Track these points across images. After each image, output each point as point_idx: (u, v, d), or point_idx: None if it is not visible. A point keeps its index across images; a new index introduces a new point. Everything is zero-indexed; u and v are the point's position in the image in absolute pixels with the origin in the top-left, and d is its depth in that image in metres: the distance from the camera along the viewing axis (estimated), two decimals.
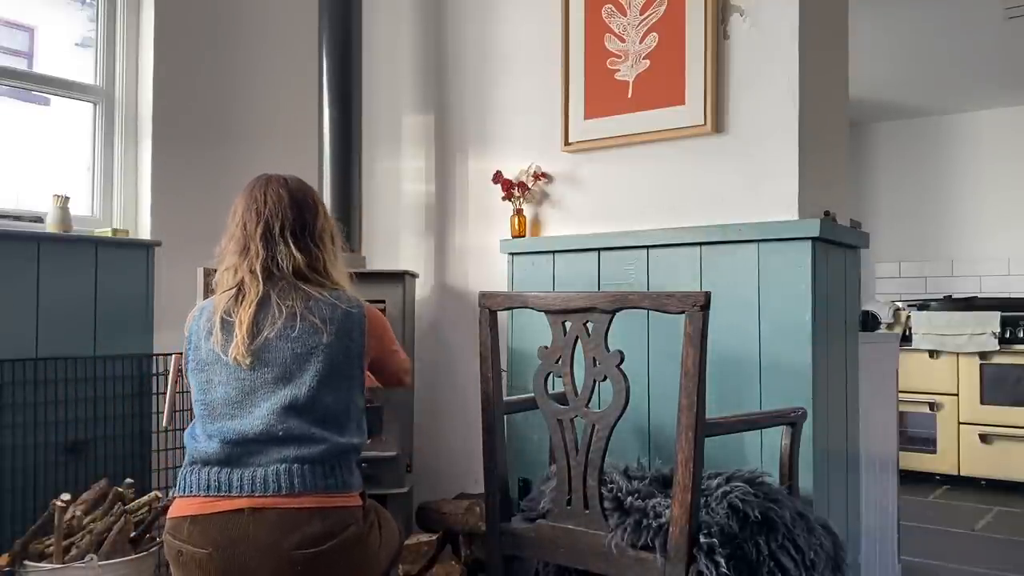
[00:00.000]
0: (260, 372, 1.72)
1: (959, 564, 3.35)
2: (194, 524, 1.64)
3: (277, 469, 1.65)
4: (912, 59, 4.73)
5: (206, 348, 1.76)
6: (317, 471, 1.68)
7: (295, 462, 1.67)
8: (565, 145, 2.83)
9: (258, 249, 1.80)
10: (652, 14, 2.65)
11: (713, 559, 1.76)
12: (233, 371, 1.73)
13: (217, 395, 1.73)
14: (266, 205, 1.83)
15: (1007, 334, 4.66)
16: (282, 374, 1.72)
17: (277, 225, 1.82)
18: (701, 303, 1.78)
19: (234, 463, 1.67)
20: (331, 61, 3.02)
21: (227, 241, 1.87)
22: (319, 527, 1.65)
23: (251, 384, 1.72)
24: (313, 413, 1.72)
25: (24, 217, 2.63)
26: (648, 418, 2.49)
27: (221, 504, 1.64)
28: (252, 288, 1.77)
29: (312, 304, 1.77)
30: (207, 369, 1.75)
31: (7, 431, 2.39)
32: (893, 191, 5.94)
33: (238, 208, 1.87)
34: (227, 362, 1.73)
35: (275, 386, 1.72)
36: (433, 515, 2.75)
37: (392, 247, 3.39)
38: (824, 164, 2.57)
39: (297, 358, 1.73)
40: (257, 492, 1.64)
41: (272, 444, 1.68)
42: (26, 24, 2.94)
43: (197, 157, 3.04)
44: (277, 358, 1.73)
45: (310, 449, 1.68)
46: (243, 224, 1.84)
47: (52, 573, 2.10)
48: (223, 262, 1.85)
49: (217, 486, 1.65)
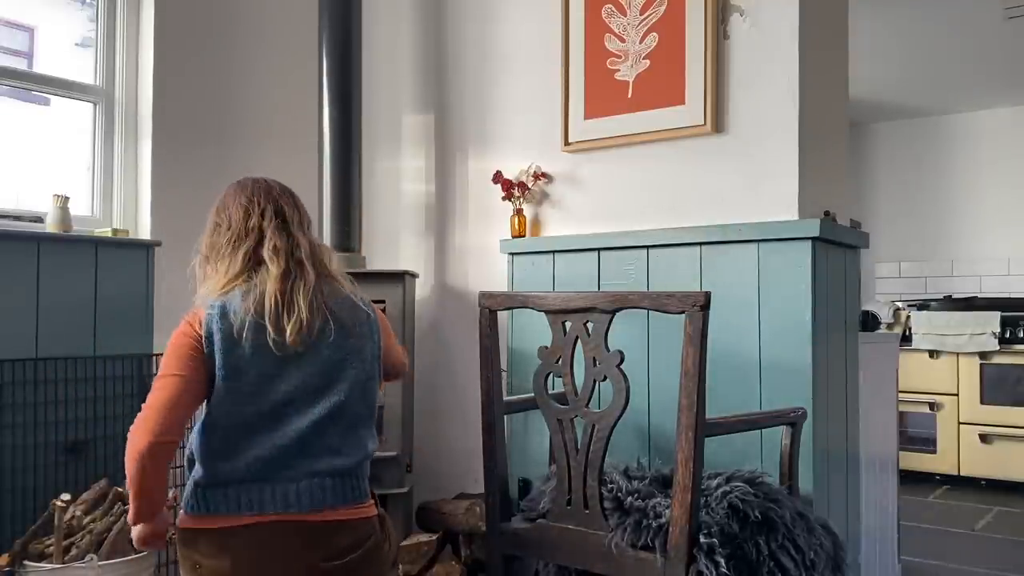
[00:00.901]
0: (300, 382, 1.61)
1: (959, 564, 3.35)
2: (213, 536, 1.57)
3: (309, 484, 1.59)
4: (912, 59, 4.73)
5: (242, 352, 1.58)
6: (347, 484, 1.63)
7: (327, 476, 1.60)
8: (565, 145, 2.83)
9: (272, 235, 1.66)
10: (652, 14, 2.65)
11: (713, 559, 1.76)
12: (268, 380, 1.59)
13: (248, 407, 1.59)
14: (267, 194, 1.72)
15: (1007, 334, 4.66)
16: (321, 383, 1.63)
17: (283, 214, 1.71)
18: (701, 303, 1.78)
19: (264, 479, 1.58)
20: (331, 61, 3.02)
21: (220, 235, 1.71)
22: (346, 540, 1.62)
23: (287, 396, 1.61)
24: (347, 420, 1.65)
25: (24, 217, 2.63)
26: (648, 418, 2.49)
27: (245, 519, 1.57)
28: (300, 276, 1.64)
29: (338, 303, 1.69)
30: (239, 377, 1.59)
31: (7, 431, 2.39)
32: (893, 191, 5.94)
33: (228, 202, 1.73)
34: (265, 363, 1.58)
35: (313, 396, 1.62)
36: (433, 515, 2.75)
37: (392, 247, 3.39)
38: (824, 164, 2.57)
39: (334, 365, 1.65)
40: (290, 509, 1.57)
41: (304, 456, 1.60)
42: (26, 24, 2.94)
43: (197, 157, 3.03)
44: (315, 368, 1.63)
45: (343, 461, 1.63)
46: (244, 212, 1.69)
47: (52, 573, 2.10)
48: (218, 259, 1.69)
49: (248, 505, 1.57)
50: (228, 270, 1.67)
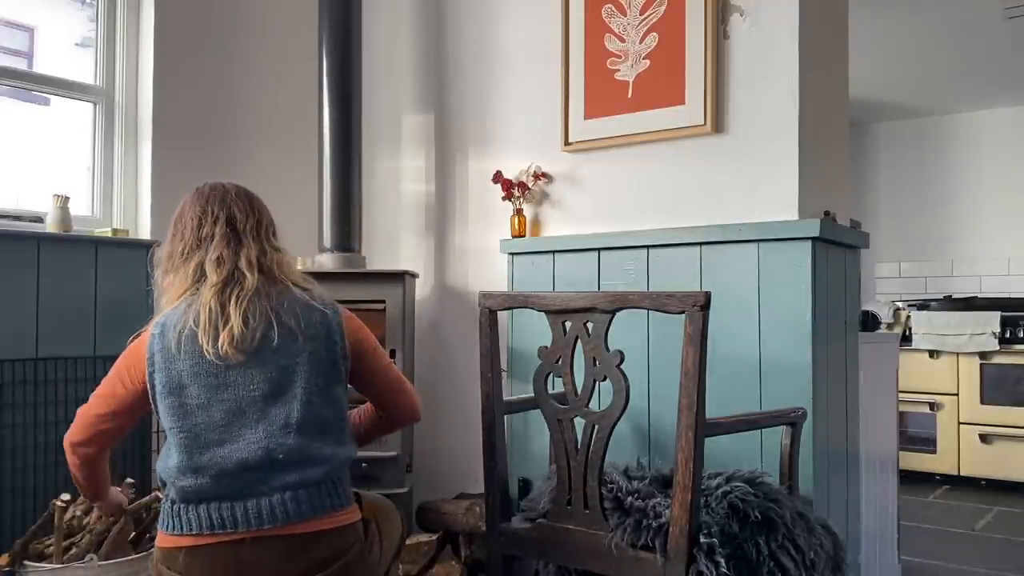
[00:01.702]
0: (246, 391, 1.58)
1: (959, 564, 3.35)
2: (191, 555, 1.55)
3: (282, 498, 1.56)
4: (912, 59, 4.73)
5: (181, 367, 1.58)
6: (322, 492, 1.60)
7: (299, 487, 1.57)
8: (565, 145, 2.83)
9: (218, 243, 1.66)
10: (652, 14, 2.65)
11: (713, 559, 1.76)
12: (213, 389, 1.57)
13: (198, 420, 1.57)
14: (222, 200, 1.71)
15: (1007, 334, 4.66)
16: (271, 390, 1.59)
17: (239, 218, 1.70)
18: (701, 303, 1.78)
19: (233, 497, 1.55)
20: (331, 61, 3.02)
21: (175, 245, 1.71)
22: (326, 550, 1.59)
23: (236, 404, 1.58)
24: (312, 426, 1.61)
25: (24, 217, 2.63)
26: (648, 418, 2.49)
27: (221, 536, 1.55)
28: (218, 281, 1.62)
29: (287, 305, 1.65)
30: (181, 392, 1.58)
31: (7, 431, 2.39)
32: (893, 191, 5.94)
33: (185, 211, 1.73)
34: (206, 374, 1.57)
35: (265, 403, 1.59)
36: (433, 515, 2.75)
37: (392, 247, 3.39)
38: (824, 164, 2.57)
39: (283, 371, 1.60)
40: (264, 525, 1.55)
41: (272, 470, 1.56)
42: (26, 24, 2.94)
43: (197, 157, 3.03)
44: (262, 374, 1.59)
45: (313, 471, 1.59)
46: (197, 222, 1.69)
47: (52, 573, 2.10)
48: (178, 270, 1.69)
49: (221, 523, 1.54)
50: (179, 283, 1.68)
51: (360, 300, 2.80)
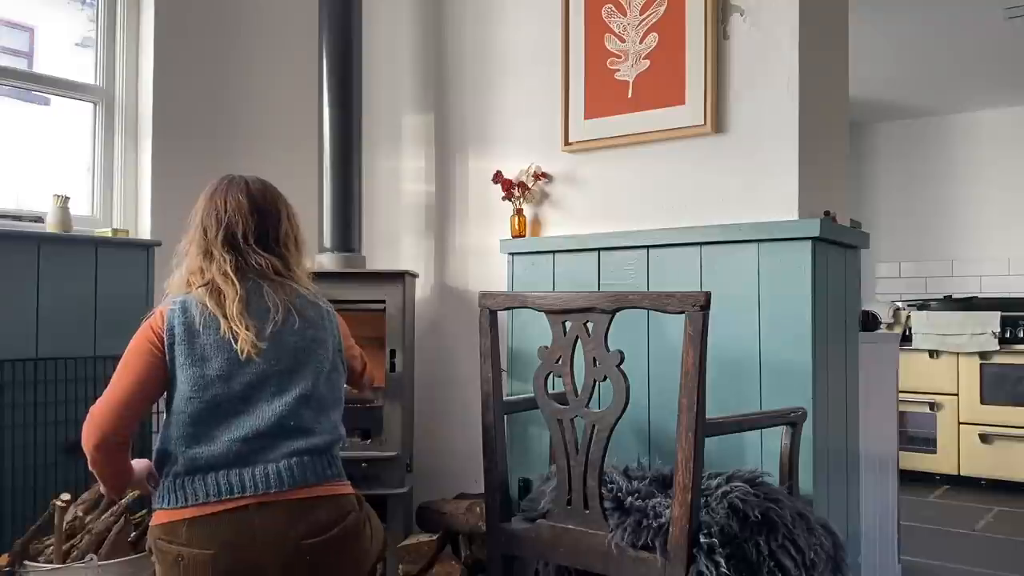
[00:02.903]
0: (268, 365, 1.70)
1: (959, 564, 3.35)
2: (194, 525, 1.60)
3: (288, 463, 1.66)
4: (912, 59, 4.73)
5: (205, 340, 1.68)
6: (323, 461, 1.71)
7: (304, 454, 1.68)
8: (565, 145, 2.83)
9: (221, 255, 1.77)
10: (652, 14, 2.65)
11: (713, 559, 1.76)
12: (236, 364, 1.68)
13: (219, 391, 1.67)
14: (226, 212, 1.80)
15: (1007, 334, 4.67)
16: (290, 366, 1.73)
17: (239, 232, 1.79)
18: (701, 303, 1.78)
19: (243, 462, 1.64)
20: (331, 61, 3.02)
21: (188, 244, 1.83)
22: (325, 515, 1.67)
23: (257, 377, 1.69)
24: (321, 402, 1.76)
25: (24, 217, 2.63)
26: (648, 418, 2.49)
27: (225, 503, 1.62)
28: (228, 287, 1.73)
29: (299, 300, 1.80)
30: (203, 364, 1.68)
31: (7, 431, 2.39)
32: (893, 191, 5.94)
33: (198, 211, 1.83)
34: (229, 355, 1.68)
35: (285, 378, 1.72)
36: (433, 515, 2.75)
37: (392, 247, 3.39)
38: (824, 164, 2.57)
39: (300, 351, 1.75)
40: (271, 489, 1.63)
41: (282, 437, 1.68)
42: (26, 24, 2.95)
43: (197, 157, 3.03)
44: (284, 351, 1.73)
45: (316, 440, 1.71)
46: (203, 229, 1.80)
47: (52, 573, 2.10)
48: (184, 264, 1.81)
49: (229, 489, 1.62)
50: (194, 270, 1.78)
51: (360, 300, 2.80)
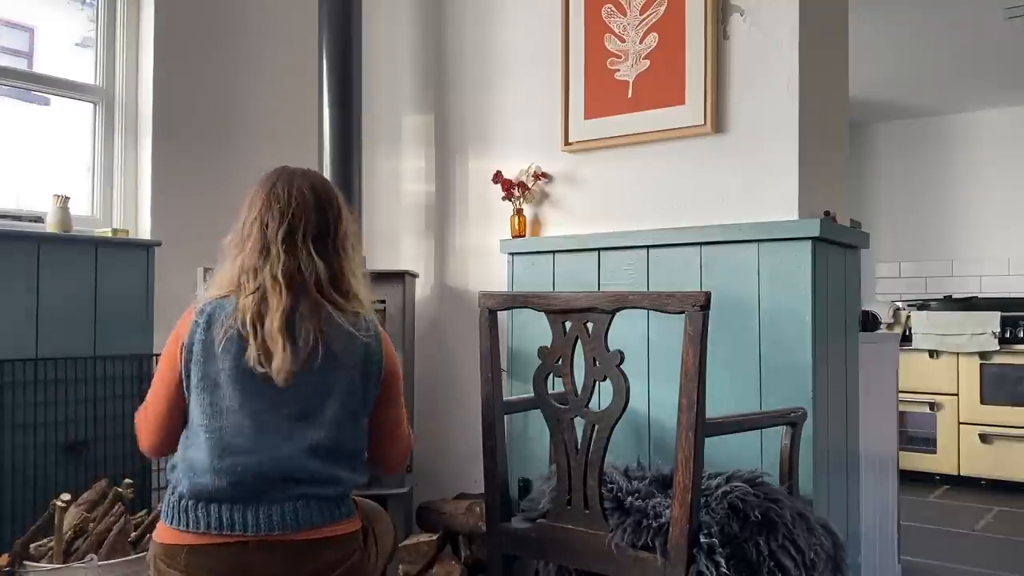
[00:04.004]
0: (278, 404, 1.57)
1: (959, 564, 3.35)
2: (193, 554, 1.55)
3: (294, 506, 1.57)
4: (912, 59, 4.73)
5: (221, 366, 1.57)
6: (332, 504, 1.62)
7: (312, 499, 1.59)
8: (565, 145, 2.83)
9: (279, 253, 1.60)
10: (652, 14, 2.65)
11: (713, 559, 1.76)
12: (249, 395, 1.56)
13: (227, 423, 1.56)
14: (290, 205, 1.64)
15: (1007, 334, 4.66)
16: (301, 411, 1.60)
17: (301, 229, 1.63)
18: (701, 303, 1.78)
19: (245, 500, 1.55)
20: (331, 61, 3.02)
21: (241, 239, 1.66)
22: (330, 556, 1.60)
23: (268, 416, 1.57)
24: (335, 454, 1.62)
25: (24, 217, 2.63)
26: (648, 418, 2.49)
27: (227, 537, 1.55)
28: (275, 297, 1.58)
29: (332, 331, 1.61)
30: (216, 391, 1.57)
31: (7, 431, 2.39)
32: (893, 191, 5.94)
33: (256, 203, 1.66)
34: (244, 379, 1.56)
35: (294, 424, 1.59)
36: (433, 515, 2.75)
37: (392, 247, 3.39)
38: (824, 164, 2.57)
39: (317, 394, 1.61)
40: (274, 531, 1.55)
41: (290, 483, 1.57)
42: (26, 24, 2.95)
43: (197, 157, 3.03)
44: (298, 392, 1.58)
45: (327, 490, 1.61)
46: (262, 222, 1.63)
47: (52, 573, 2.10)
48: (234, 260, 1.65)
49: (230, 524, 1.54)
50: (247, 268, 1.63)
51: None
